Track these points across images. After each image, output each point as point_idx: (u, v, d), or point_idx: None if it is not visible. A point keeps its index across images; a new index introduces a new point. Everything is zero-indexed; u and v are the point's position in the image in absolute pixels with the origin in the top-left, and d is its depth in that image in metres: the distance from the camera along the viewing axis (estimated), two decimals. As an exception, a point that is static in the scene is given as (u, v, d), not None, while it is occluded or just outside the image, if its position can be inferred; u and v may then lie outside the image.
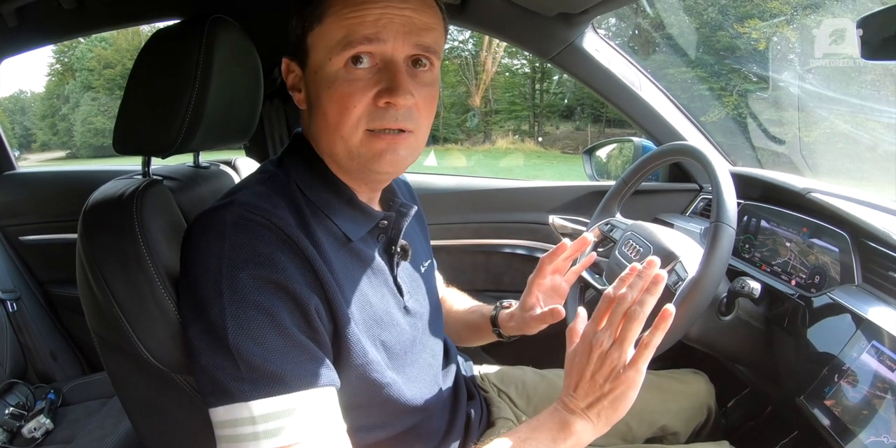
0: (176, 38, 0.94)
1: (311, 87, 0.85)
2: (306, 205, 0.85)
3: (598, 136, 17.80)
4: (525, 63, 22.00)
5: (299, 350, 0.74)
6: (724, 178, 1.11)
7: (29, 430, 1.65)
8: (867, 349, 0.97)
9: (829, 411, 0.98)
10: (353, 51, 0.79)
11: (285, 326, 0.74)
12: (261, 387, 0.71)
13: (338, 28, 0.80)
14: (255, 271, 0.73)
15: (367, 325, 0.86)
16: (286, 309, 0.74)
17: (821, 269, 1.20)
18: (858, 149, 1.99)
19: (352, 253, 0.88)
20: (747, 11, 13.02)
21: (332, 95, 0.81)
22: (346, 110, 0.80)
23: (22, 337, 1.98)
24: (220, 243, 0.74)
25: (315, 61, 0.83)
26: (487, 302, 1.95)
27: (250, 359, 0.71)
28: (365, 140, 0.82)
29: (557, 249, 1.13)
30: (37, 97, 24.48)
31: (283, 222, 0.77)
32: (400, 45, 0.80)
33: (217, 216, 0.77)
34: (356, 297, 0.86)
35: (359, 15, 0.79)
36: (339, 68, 0.81)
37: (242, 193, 0.81)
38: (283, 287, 0.74)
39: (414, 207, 0.99)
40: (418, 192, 1.22)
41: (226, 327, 0.71)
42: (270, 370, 0.71)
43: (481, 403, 1.19)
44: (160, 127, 0.90)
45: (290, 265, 0.76)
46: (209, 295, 0.73)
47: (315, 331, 0.77)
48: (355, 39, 0.79)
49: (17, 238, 2.14)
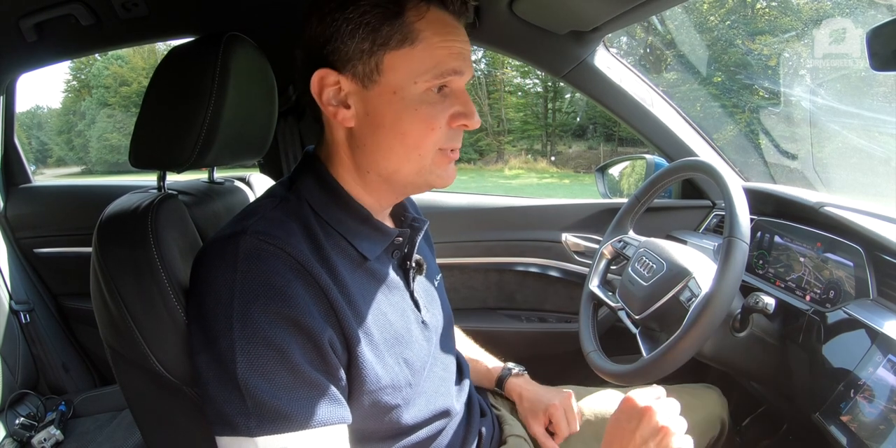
0: (192, 55, 0.96)
1: (383, 106, 0.83)
2: (320, 227, 0.85)
3: (610, 154, 17.82)
4: (538, 82, 22.14)
5: (309, 387, 0.74)
6: (737, 193, 1.10)
7: (39, 441, 1.66)
8: (883, 364, 0.95)
9: (846, 427, 0.97)
10: (443, 80, 0.82)
11: (296, 363, 0.73)
12: (267, 423, 0.71)
13: (429, 56, 0.81)
14: (267, 306, 0.73)
15: (389, 344, 0.86)
16: (297, 344, 0.74)
17: (835, 283, 1.19)
18: (872, 163, 1.97)
19: (368, 272, 0.88)
20: (758, 27, 13.06)
21: (416, 117, 0.82)
22: (431, 131, 0.83)
23: (34, 348, 2.00)
24: (232, 274, 0.74)
25: (394, 82, 0.82)
26: (501, 320, 1.95)
27: (258, 395, 0.71)
28: (438, 158, 0.86)
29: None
30: (53, 113, 24.90)
31: (296, 250, 0.77)
32: (467, 76, 0.86)
33: (230, 245, 0.77)
34: (376, 318, 0.85)
35: (447, 46, 0.82)
36: (422, 92, 0.82)
37: (255, 221, 0.80)
38: (295, 322, 0.74)
39: (426, 221, 1.01)
40: (430, 210, 1.22)
41: (235, 361, 0.71)
42: (277, 407, 0.71)
43: (493, 421, 1.18)
44: (176, 142, 0.91)
45: (304, 297, 0.75)
46: (220, 327, 0.73)
47: (328, 364, 0.77)
48: (446, 70, 0.82)
49: (32, 250, 2.16)
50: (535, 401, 1.22)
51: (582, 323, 1.37)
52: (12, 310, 1.94)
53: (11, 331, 1.90)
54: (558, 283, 1.97)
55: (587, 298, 1.41)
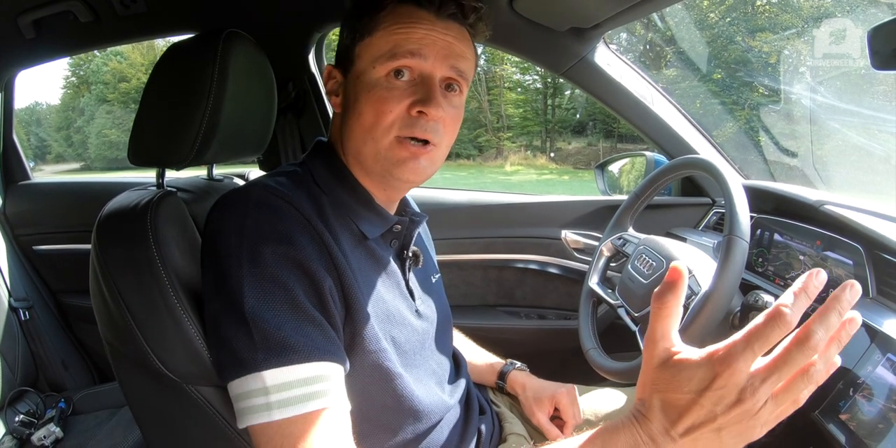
0: (191, 51, 0.96)
1: (351, 91, 0.90)
2: (326, 201, 0.88)
3: (610, 151, 17.82)
4: (537, 79, 22.12)
5: (312, 324, 0.76)
6: (737, 191, 1.10)
7: (38, 438, 1.66)
8: (882, 362, 0.95)
9: (845, 426, 0.97)
10: (397, 63, 0.85)
11: (300, 301, 0.75)
12: (273, 356, 0.72)
13: (386, 41, 0.86)
14: (275, 248, 0.76)
15: (379, 319, 0.88)
16: (301, 285, 0.76)
17: (835, 282, 1.19)
18: (872, 161, 1.97)
19: (367, 251, 0.91)
20: (758, 25, 13.04)
21: (370, 99, 0.86)
22: (382, 114, 0.85)
23: (34, 346, 2.00)
24: (242, 219, 0.78)
25: (359, 68, 0.89)
26: (500, 317, 1.95)
27: (265, 327, 0.72)
28: (393, 145, 0.87)
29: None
30: (52, 109, 24.87)
31: (303, 207, 0.81)
32: (439, 64, 0.87)
33: (240, 196, 0.81)
34: (370, 291, 0.87)
35: (406, 31, 0.86)
36: (380, 76, 0.86)
37: (265, 179, 0.86)
38: (300, 265, 0.77)
39: (425, 216, 1.04)
40: (430, 207, 1.22)
41: (243, 296, 0.73)
42: (283, 338, 0.72)
43: (493, 418, 1.18)
44: (175, 139, 0.91)
45: (308, 245, 0.78)
46: (230, 267, 0.75)
47: (328, 312, 0.79)
48: (400, 52, 0.85)
49: (31, 247, 2.16)
50: (540, 389, 1.22)
51: (581, 320, 1.37)
52: (11, 307, 1.95)
53: (11, 328, 1.90)
54: (558, 280, 1.97)
55: (587, 296, 1.41)
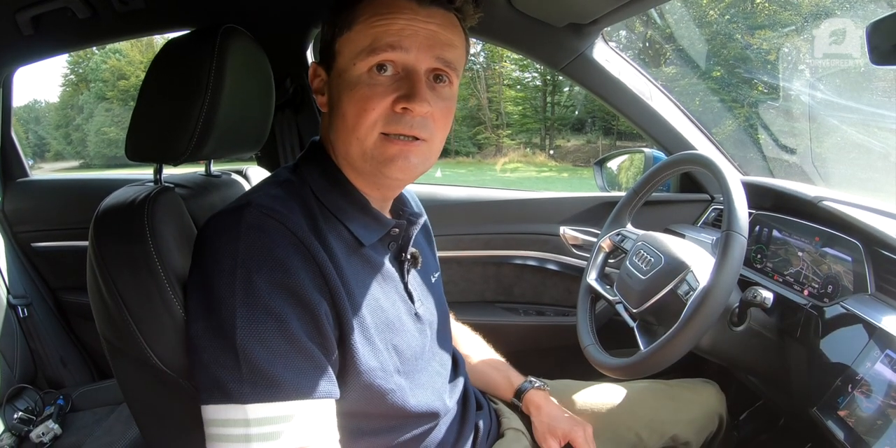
0: (188, 47, 0.95)
1: (334, 89, 0.87)
2: (320, 210, 0.86)
3: (609, 148, 17.82)
4: (536, 76, 22.10)
5: (304, 357, 0.75)
6: (736, 187, 1.10)
7: (37, 435, 1.66)
8: (881, 359, 0.95)
9: (843, 422, 0.97)
10: (378, 58, 0.82)
11: (293, 332, 0.74)
12: (260, 390, 0.71)
13: (365, 35, 0.83)
14: (269, 276, 0.74)
15: (379, 329, 0.87)
16: (296, 315, 0.75)
17: (833, 278, 1.19)
18: (871, 158, 1.96)
19: (363, 259, 0.89)
20: (758, 22, 13.03)
21: (352, 97, 0.83)
22: (365, 112, 0.82)
23: (32, 342, 2.00)
24: (235, 244, 0.75)
25: (340, 65, 0.86)
26: (498, 313, 1.95)
27: (255, 361, 0.71)
28: (379, 143, 0.84)
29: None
30: (51, 107, 24.84)
31: (296, 226, 0.79)
32: (422, 56, 0.83)
33: (233, 217, 0.79)
34: (367, 301, 0.86)
35: (385, 23, 0.82)
36: (362, 73, 0.83)
37: (258, 195, 0.83)
38: (294, 293, 0.75)
39: (423, 217, 1.02)
40: (429, 203, 1.22)
41: (235, 327, 0.72)
42: (272, 374, 0.72)
43: (490, 414, 1.18)
44: (172, 135, 0.91)
45: (302, 270, 0.77)
46: (222, 294, 0.74)
47: (324, 337, 0.78)
48: (380, 46, 0.81)
49: (30, 244, 2.16)
50: (556, 419, 1.18)
51: (580, 316, 1.37)
52: (10, 304, 1.94)
53: (9, 325, 1.90)
54: (556, 277, 1.97)
55: (585, 292, 1.41)
